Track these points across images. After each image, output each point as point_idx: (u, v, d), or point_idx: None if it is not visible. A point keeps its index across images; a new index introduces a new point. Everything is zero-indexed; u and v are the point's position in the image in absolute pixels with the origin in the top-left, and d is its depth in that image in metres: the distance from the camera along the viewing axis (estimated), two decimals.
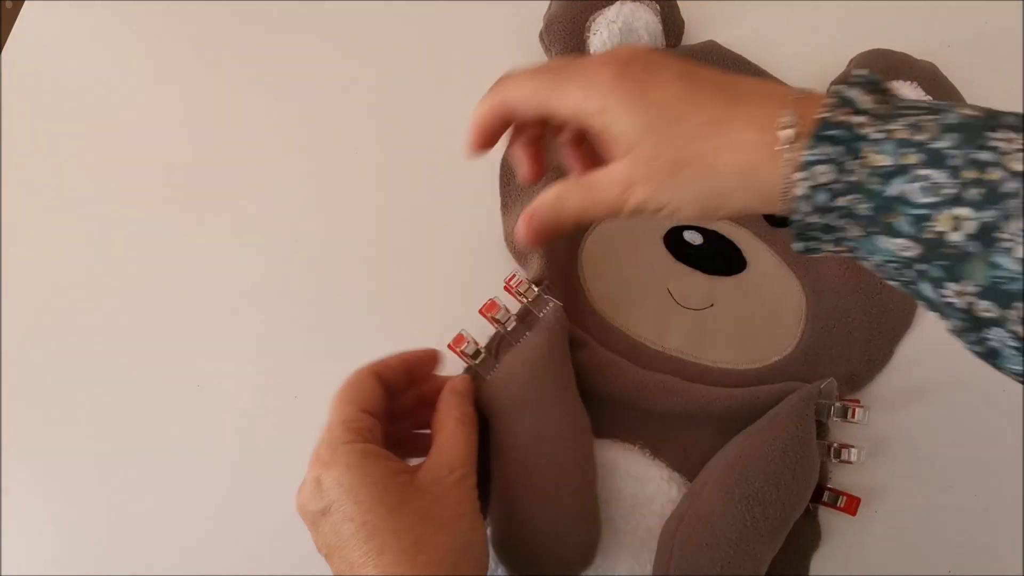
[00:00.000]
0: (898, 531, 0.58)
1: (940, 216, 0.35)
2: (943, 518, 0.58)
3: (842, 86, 0.38)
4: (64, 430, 0.62)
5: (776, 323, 0.62)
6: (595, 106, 0.41)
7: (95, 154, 0.69)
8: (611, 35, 0.66)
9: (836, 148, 0.37)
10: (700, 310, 0.62)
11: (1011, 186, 0.33)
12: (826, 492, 0.57)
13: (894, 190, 0.36)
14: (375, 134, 0.69)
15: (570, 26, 0.66)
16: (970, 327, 0.37)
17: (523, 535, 0.52)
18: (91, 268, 0.66)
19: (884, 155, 0.36)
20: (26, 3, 0.75)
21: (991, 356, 0.38)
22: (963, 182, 0.34)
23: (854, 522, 0.57)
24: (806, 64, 0.68)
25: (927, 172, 0.35)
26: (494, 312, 0.59)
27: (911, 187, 0.35)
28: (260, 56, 0.72)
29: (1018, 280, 0.34)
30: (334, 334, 0.64)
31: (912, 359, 0.62)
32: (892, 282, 0.39)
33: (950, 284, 0.36)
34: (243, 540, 0.59)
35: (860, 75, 0.39)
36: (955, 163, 0.35)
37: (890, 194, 0.36)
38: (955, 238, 0.35)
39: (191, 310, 0.64)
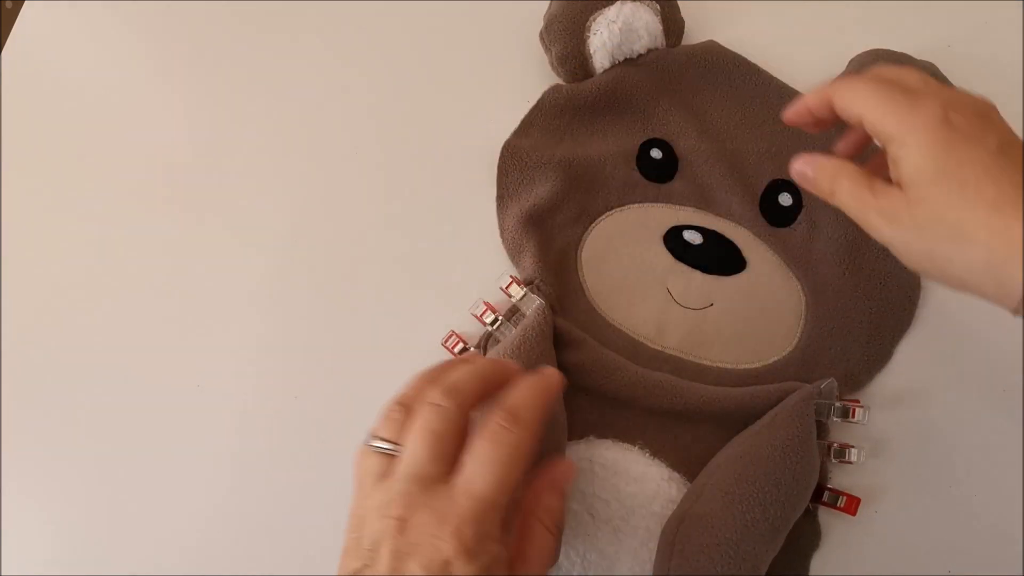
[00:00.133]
0: (898, 531, 0.58)
1: None
2: (943, 518, 0.58)
3: None
4: (64, 430, 0.62)
5: (776, 323, 0.62)
6: (905, 135, 0.43)
7: (95, 154, 0.69)
8: (611, 35, 0.66)
9: None
10: (699, 310, 0.62)
11: None
12: (826, 492, 0.57)
13: None
14: (375, 134, 0.69)
15: (570, 25, 0.66)
16: None
17: None
18: (91, 268, 0.66)
19: None
20: (26, 3, 0.75)
21: None
22: None
23: (854, 522, 0.57)
24: (806, 64, 0.68)
25: None
26: (482, 314, 0.61)
27: None
28: (260, 56, 0.72)
29: None
30: (334, 334, 0.64)
31: (912, 359, 0.62)
32: None
33: None
34: (243, 540, 0.59)
35: None
36: None
37: None
38: None
39: (191, 310, 0.64)
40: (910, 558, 0.58)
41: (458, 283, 0.64)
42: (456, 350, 0.61)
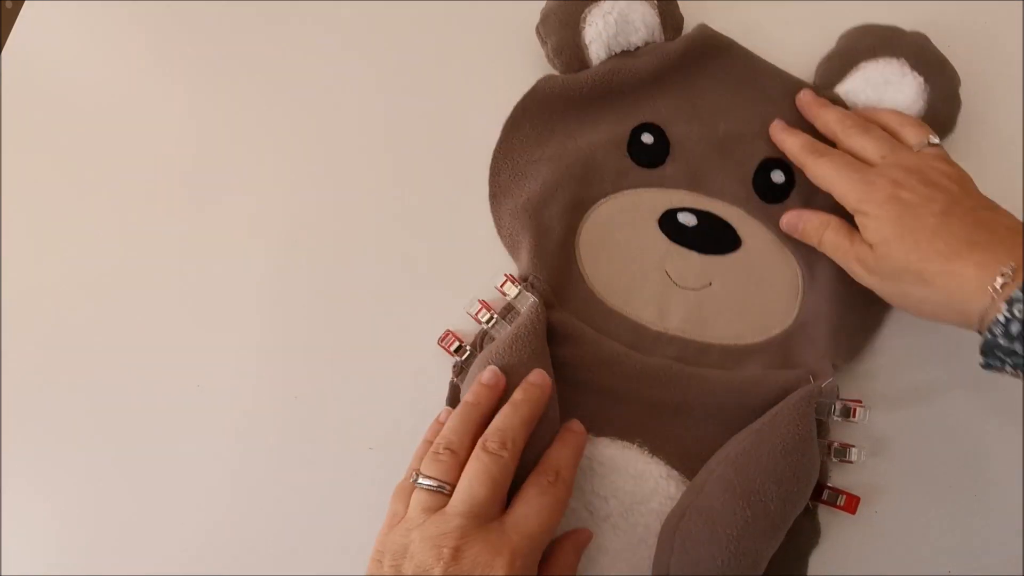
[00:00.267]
0: (898, 531, 0.58)
1: None
2: (943, 518, 0.59)
3: None
4: (64, 430, 0.62)
5: (774, 297, 0.63)
6: (867, 210, 0.56)
7: (95, 154, 0.69)
8: (606, 25, 0.67)
9: None
10: (699, 289, 0.63)
11: None
12: (826, 491, 0.58)
13: None
14: (371, 132, 0.69)
15: (565, 17, 0.67)
16: None
17: None
18: (91, 268, 0.66)
19: None
20: (26, 3, 0.75)
21: None
22: None
23: (854, 522, 0.58)
24: (805, 62, 0.68)
25: None
26: (478, 312, 0.62)
27: None
28: (261, 56, 0.72)
29: None
30: (332, 334, 0.64)
31: (912, 359, 0.62)
32: None
33: None
34: (243, 540, 0.60)
35: None
36: None
37: None
38: None
39: (191, 310, 0.65)
40: (910, 558, 0.58)
41: (454, 282, 0.64)
42: (452, 348, 0.62)
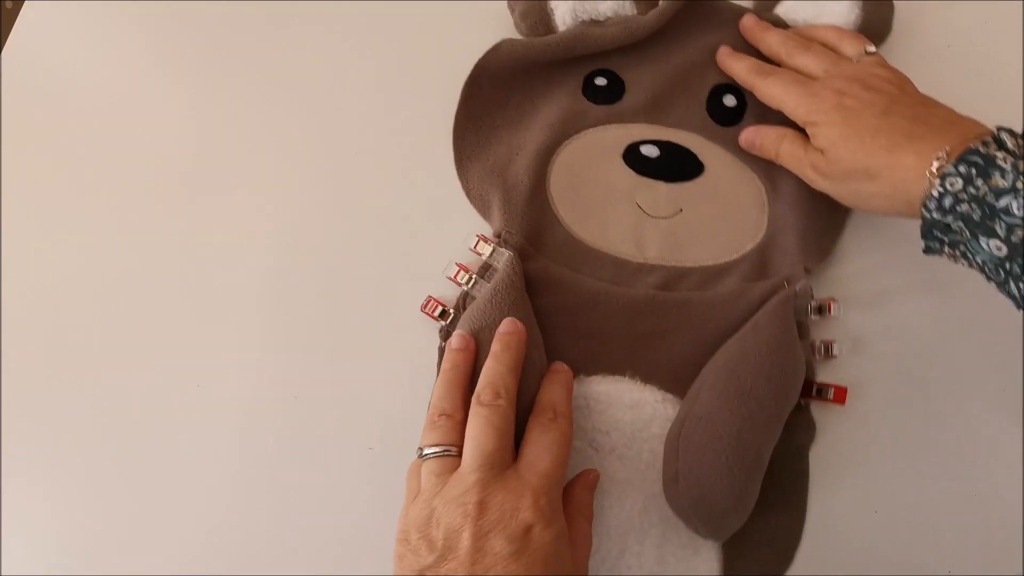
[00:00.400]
0: (898, 531, 0.59)
1: None
2: (943, 518, 0.59)
3: (1004, 132, 0.51)
4: (64, 430, 0.61)
5: (743, 214, 0.65)
6: (814, 120, 0.58)
7: (95, 154, 0.68)
8: None
9: (972, 170, 0.49)
10: (670, 217, 0.65)
11: None
12: (815, 387, 0.60)
13: (1002, 203, 0.48)
14: (374, 133, 0.69)
15: None
16: None
17: None
18: (91, 268, 0.65)
19: (1005, 180, 0.48)
20: (26, 3, 0.73)
21: None
22: None
23: (854, 521, 0.59)
24: None
25: None
26: (456, 275, 0.63)
27: (1015, 203, 0.48)
28: (262, 56, 0.71)
29: None
30: (319, 322, 0.64)
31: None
32: (991, 282, 0.52)
33: None
34: (243, 540, 0.59)
35: (1012, 131, 0.52)
36: None
37: (998, 206, 0.48)
38: None
39: (191, 309, 0.64)
40: (910, 558, 0.58)
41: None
42: (436, 314, 0.62)
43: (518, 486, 0.49)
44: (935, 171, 0.50)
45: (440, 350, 0.62)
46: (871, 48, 0.63)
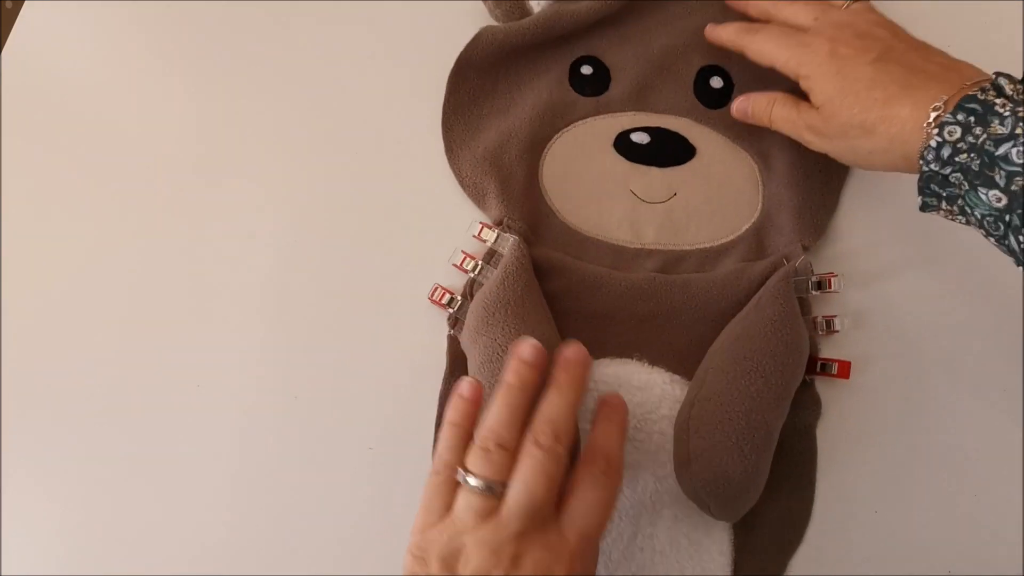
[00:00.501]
0: (898, 531, 0.59)
1: None
2: (943, 518, 0.59)
3: (1002, 78, 0.50)
4: (64, 430, 0.61)
5: (737, 195, 0.66)
6: (808, 72, 0.57)
7: (95, 154, 0.68)
8: None
9: (970, 118, 0.48)
10: (665, 202, 0.66)
11: None
12: (819, 363, 0.61)
13: (1001, 151, 0.47)
14: (364, 129, 0.70)
15: None
16: None
17: None
18: (90, 268, 0.65)
19: (1004, 126, 0.47)
20: (26, 3, 0.73)
21: None
22: None
23: (854, 521, 0.59)
24: None
25: None
26: (462, 262, 0.63)
27: (1014, 150, 0.46)
28: (262, 56, 0.71)
29: None
30: (335, 333, 0.64)
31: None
32: (990, 238, 0.50)
33: None
34: (243, 540, 0.59)
35: (1011, 76, 0.50)
36: None
37: (997, 154, 0.47)
38: None
39: (191, 310, 0.64)
40: (910, 558, 0.58)
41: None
42: (444, 301, 0.62)
43: (558, 545, 0.47)
44: (932, 121, 0.49)
45: (449, 338, 0.62)
46: None
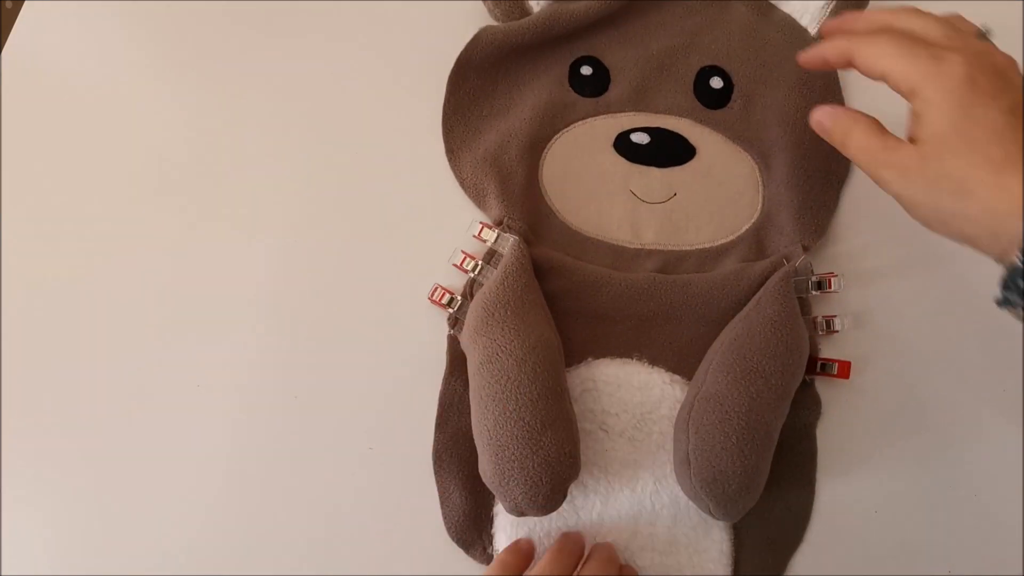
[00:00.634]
0: (898, 531, 0.59)
1: None
2: (943, 518, 0.59)
3: None
4: (64, 429, 0.61)
5: (737, 195, 0.66)
6: (930, 94, 0.46)
7: (95, 154, 0.68)
8: None
9: None
10: (665, 202, 0.66)
11: None
12: (819, 363, 0.61)
13: None
14: (364, 131, 0.69)
15: None
16: None
17: (494, 459, 0.52)
18: (90, 267, 0.65)
19: None
20: (26, 3, 0.73)
21: None
22: None
23: (855, 521, 0.59)
24: None
25: None
26: (462, 262, 0.63)
27: None
28: (262, 56, 0.71)
29: None
30: (334, 333, 0.63)
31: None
32: None
33: None
34: (243, 540, 0.59)
35: None
36: None
37: None
38: None
39: (191, 309, 0.64)
40: (910, 558, 0.58)
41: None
42: (444, 301, 0.62)
43: None
44: None
45: (449, 338, 0.62)
46: (985, 33, 0.52)
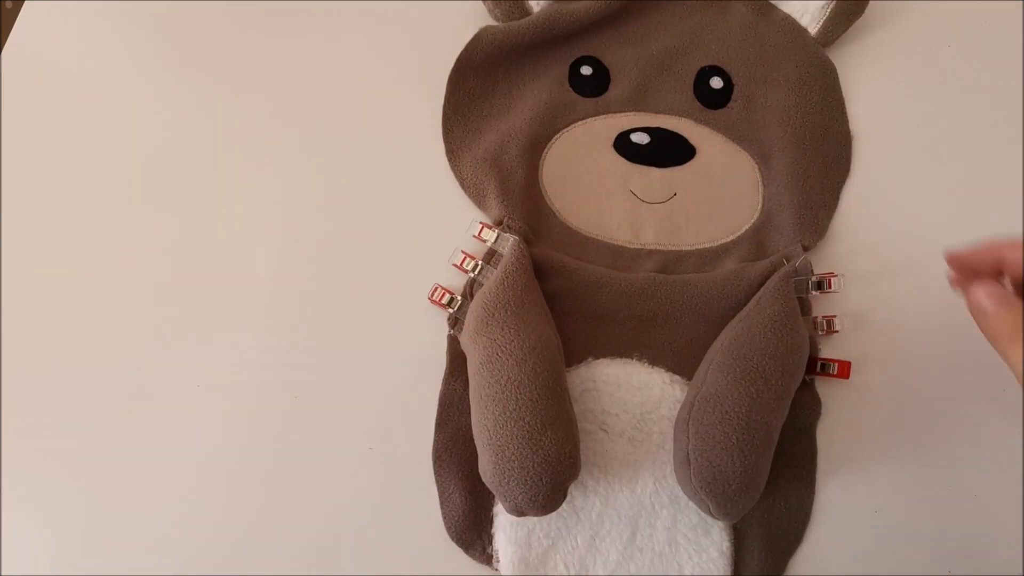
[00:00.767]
0: (898, 531, 0.59)
1: None
2: (943, 518, 0.59)
3: None
4: (63, 429, 0.61)
5: (737, 195, 0.66)
6: None
7: (95, 154, 0.68)
8: None
9: None
10: (665, 202, 0.66)
11: None
12: (819, 363, 0.61)
13: None
14: (364, 131, 0.69)
15: None
16: None
17: (494, 459, 0.52)
18: (90, 267, 0.65)
19: None
20: (26, 3, 0.73)
21: None
22: None
23: (854, 521, 0.59)
24: None
25: None
26: (462, 262, 0.63)
27: None
28: (262, 56, 0.71)
29: None
30: (334, 333, 0.63)
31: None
32: None
33: None
34: (243, 540, 0.59)
35: None
36: None
37: None
38: None
39: (191, 309, 0.64)
40: (910, 558, 0.58)
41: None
42: (444, 301, 0.62)
43: None
44: None
45: (449, 338, 0.62)
46: None
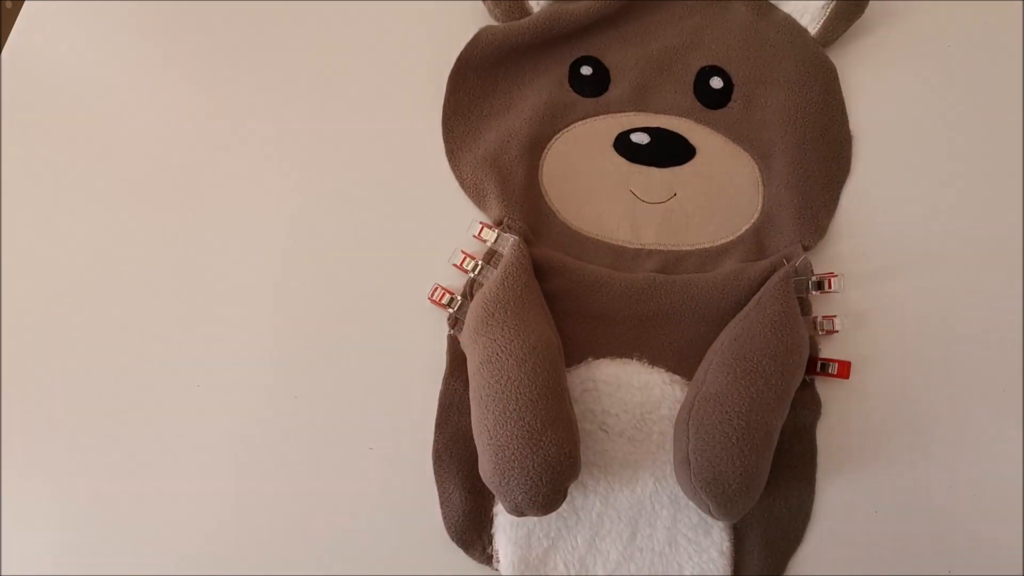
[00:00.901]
0: (898, 531, 0.59)
1: None
2: (943, 518, 0.59)
3: None
4: (64, 429, 0.61)
5: (737, 195, 0.66)
6: None
7: (95, 154, 0.68)
8: None
9: None
10: (665, 202, 0.66)
11: None
12: (819, 363, 0.61)
13: None
14: (364, 132, 0.70)
15: None
16: None
17: (494, 459, 0.52)
18: (91, 267, 0.65)
19: None
20: (26, 3, 0.73)
21: None
22: None
23: (854, 521, 0.59)
24: None
25: None
26: (462, 262, 0.63)
27: None
28: (262, 56, 0.72)
29: None
30: (334, 333, 0.63)
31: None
32: None
33: None
34: (243, 540, 0.59)
35: None
36: None
37: None
38: None
39: (192, 309, 0.64)
40: (910, 558, 0.58)
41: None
42: (444, 302, 0.62)
43: None
44: None
45: (449, 338, 0.62)
46: None
